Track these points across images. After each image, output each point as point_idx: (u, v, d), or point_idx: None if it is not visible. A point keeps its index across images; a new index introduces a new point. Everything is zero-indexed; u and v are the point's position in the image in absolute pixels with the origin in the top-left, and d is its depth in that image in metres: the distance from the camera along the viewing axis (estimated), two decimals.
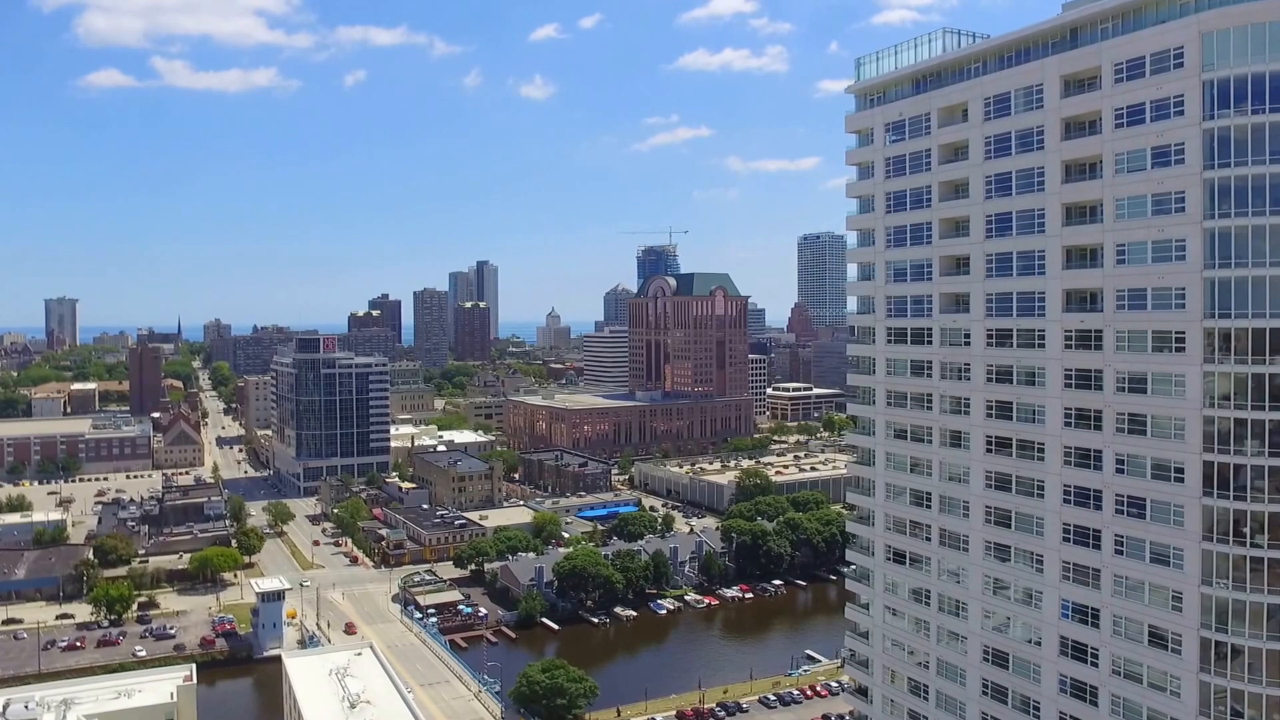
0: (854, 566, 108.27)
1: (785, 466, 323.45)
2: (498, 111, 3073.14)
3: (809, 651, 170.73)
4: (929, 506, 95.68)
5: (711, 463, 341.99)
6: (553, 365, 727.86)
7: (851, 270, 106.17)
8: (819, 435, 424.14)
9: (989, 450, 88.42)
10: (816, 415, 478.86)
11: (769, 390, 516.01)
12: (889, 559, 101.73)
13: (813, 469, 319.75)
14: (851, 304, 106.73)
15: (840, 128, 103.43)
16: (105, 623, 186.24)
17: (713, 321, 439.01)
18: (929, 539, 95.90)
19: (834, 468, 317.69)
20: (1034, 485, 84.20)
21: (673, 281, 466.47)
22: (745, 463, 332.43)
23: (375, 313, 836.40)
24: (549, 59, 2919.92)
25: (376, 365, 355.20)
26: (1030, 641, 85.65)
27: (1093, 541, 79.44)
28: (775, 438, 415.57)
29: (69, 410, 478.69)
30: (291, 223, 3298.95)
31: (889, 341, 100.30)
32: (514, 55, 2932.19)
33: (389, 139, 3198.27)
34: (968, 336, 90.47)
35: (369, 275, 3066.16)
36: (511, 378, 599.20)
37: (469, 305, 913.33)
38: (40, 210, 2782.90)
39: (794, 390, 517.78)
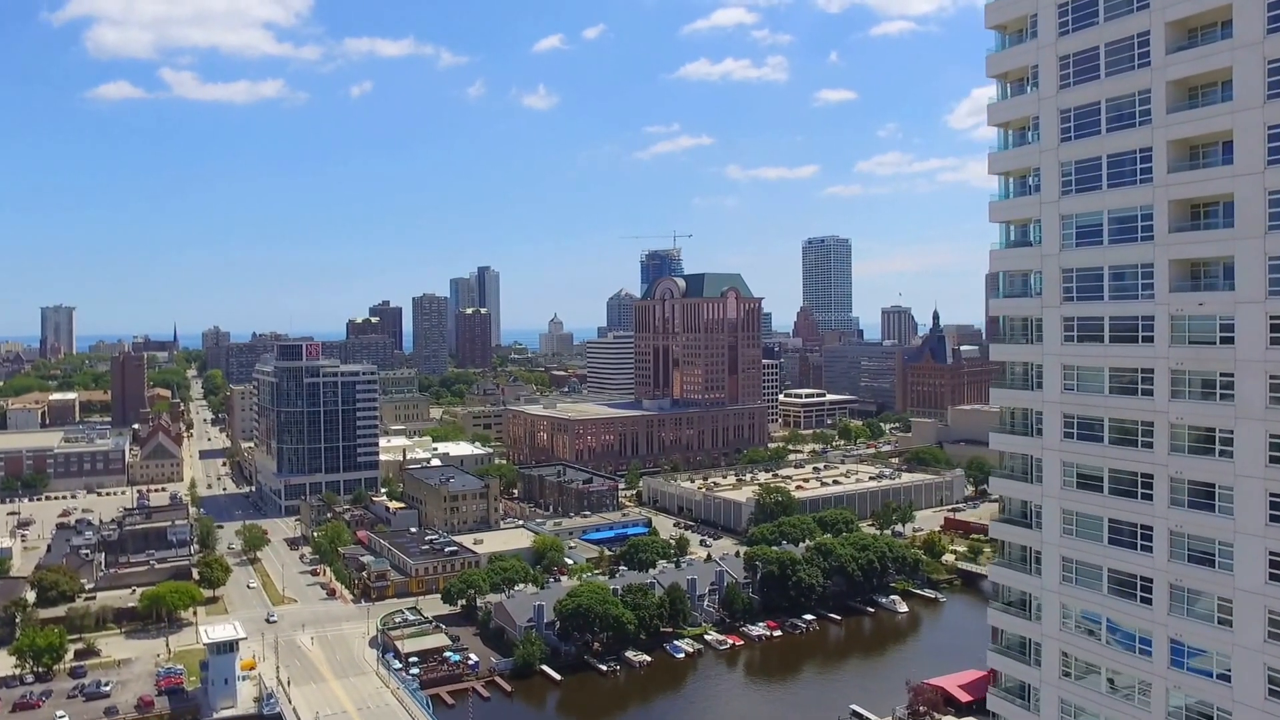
0: (1001, 676, 70.90)
1: (806, 480, 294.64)
2: (501, 121, 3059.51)
3: (854, 707, 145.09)
4: (1147, 602, 59.47)
5: (725, 476, 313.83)
6: (555, 372, 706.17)
7: (997, 232, 68.62)
8: (836, 444, 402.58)
9: (1275, 519, 52.70)
10: (830, 422, 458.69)
11: (781, 397, 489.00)
12: (1067, 674, 64.85)
13: (835, 482, 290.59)
14: (998, 284, 69.20)
15: (840, 136, 69.07)
16: (31, 677, 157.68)
17: (724, 325, 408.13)
18: (1148, 653, 59.50)
19: (857, 480, 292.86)
20: None
21: (681, 283, 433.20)
22: (762, 476, 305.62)
23: (374, 319, 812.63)
24: (552, 69, 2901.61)
25: (364, 373, 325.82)
26: None
27: None
28: (791, 447, 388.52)
29: (47, 421, 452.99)
30: (295, 230, 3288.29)
31: (1068, 339, 63.31)
32: (518, 66, 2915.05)
33: (394, 148, 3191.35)
34: (1228, 330, 54.77)
35: (371, 282, 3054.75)
36: (512, 385, 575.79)
37: (470, 311, 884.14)
38: (47, 220, 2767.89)
39: (807, 397, 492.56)
